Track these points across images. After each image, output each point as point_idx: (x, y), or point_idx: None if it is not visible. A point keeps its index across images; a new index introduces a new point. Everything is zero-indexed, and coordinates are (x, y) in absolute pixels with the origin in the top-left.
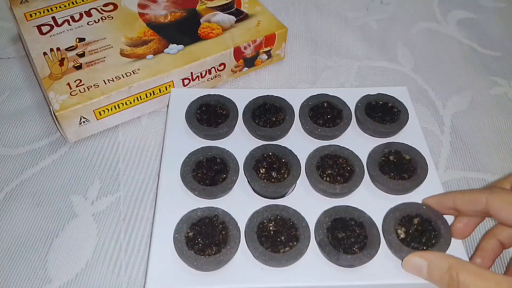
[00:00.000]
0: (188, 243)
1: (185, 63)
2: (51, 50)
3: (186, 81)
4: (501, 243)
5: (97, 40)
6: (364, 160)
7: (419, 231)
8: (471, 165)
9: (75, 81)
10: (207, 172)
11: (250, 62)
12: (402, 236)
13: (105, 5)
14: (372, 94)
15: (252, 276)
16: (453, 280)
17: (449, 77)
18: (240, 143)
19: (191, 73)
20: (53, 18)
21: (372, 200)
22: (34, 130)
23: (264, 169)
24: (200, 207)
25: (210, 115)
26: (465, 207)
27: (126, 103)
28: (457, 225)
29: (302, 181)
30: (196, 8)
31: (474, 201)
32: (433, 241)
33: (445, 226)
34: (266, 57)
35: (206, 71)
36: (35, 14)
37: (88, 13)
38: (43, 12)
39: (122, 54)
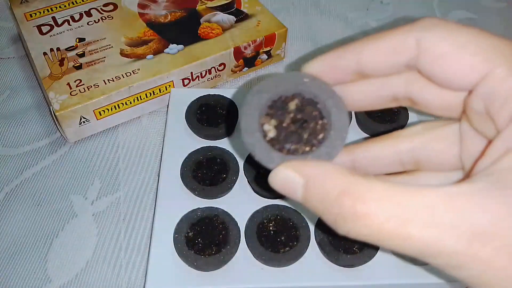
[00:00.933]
0: (188, 243)
1: (185, 63)
2: (51, 50)
3: (186, 81)
4: (400, 161)
5: (97, 40)
6: None
7: (298, 122)
8: None
9: (75, 81)
10: (207, 172)
11: (250, 62)
12: (272, 134)
13: (105, 5)
14: None
15: (252, 276)
16: (347, 214)
17: None
18: (240, 143)
19: (191, 73)
20: (53, 18)
21: None
22: (34, 130)
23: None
24: (200, 207)
25: (210, 115)
26: (379, 63)
27: (126, 103)
28: (356, 97)
29: None
30: (196, 8)
31: (398, 46)
32: (320, 136)
33: (338, 109)
34: (266, 57)
35: (206, 71)
36: (35, 14)
37: (88, 13)
38: (43, 12)
39: (122, 54)
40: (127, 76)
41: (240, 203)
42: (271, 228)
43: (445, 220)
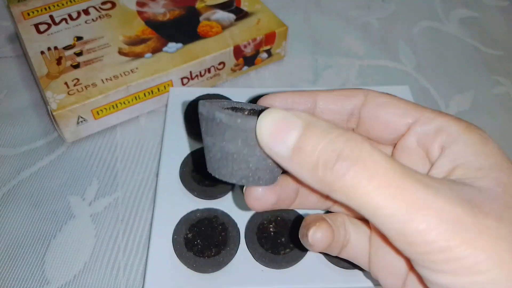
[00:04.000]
0: (187, 244)
1: (184, 62)
2: (49, 49)
3: (185, 80)
4: None
5: (95, 39)
6: None
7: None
8: None
9: (72, 80)
10: (207, 173)
11: (250, 61)
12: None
13: (103, 3)
14: None
15: (252, 278)
16: (353, 152)
17: (452, 76)
18: None
19: (190, 72)
20: (51, 16)
21: None
22: (31, 130)
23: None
24: (199, 208)
25: None
26: (331, 104)
27: (124, 102)
28: None
29: None
30: (195, 6)
31: (349, 94)
32: None
33: None
34: (266, 55)
35: (205, 70)
36: (33, 12)
37: (86, 12)
38: (41, 10)
39: (120, 52)
40: (125, 75)
41: (240, 204)
42: (271, 230)
43: (439, 187)
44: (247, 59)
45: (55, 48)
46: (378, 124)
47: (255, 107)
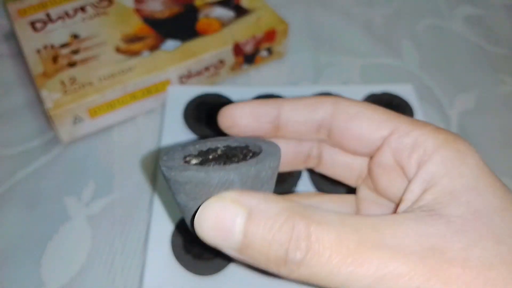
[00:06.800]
0: (186, 246)
1: (182, 60)
2: (45, 47)
3: (183, 79)
4: None
5: (92, 37)
6: None
7: (225, 155)
8: None
9: (69, 79)
10: None
11: (250, 59)
12: (194, 162)
13: (100, 0)
14: (377, 93)
15: (251, 281)
16: (300, 238)
17: (456, 75)
18: None
19: (189, 70)
20: (47, 14)
21: None
22: (27, 129)
23: None
24: None
25: (208, 113)
26: (297, 116)
27: (121, 101)
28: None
29: (304, 180)
30: (194, 3)
31: (316, 104)
32: (248, 157)
33: (271, 145)
34: (267, 53)
35: (204, 68)
36: (29, 10)
37: (83, 9)
38: (37, 8)
39: (117, 50)
40: (122, 73)
41: None
42: None
43: (394, 242)
44: (247, 57)
45: (51, 46)
46: (350, 137)
47: (230, 143)
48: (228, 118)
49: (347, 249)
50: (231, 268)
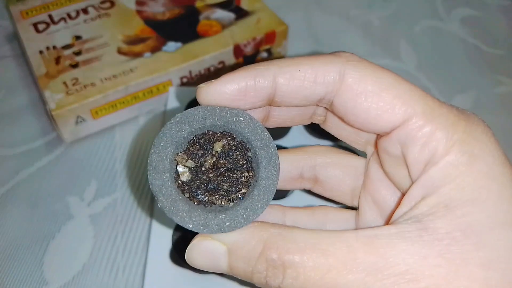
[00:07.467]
0: (187, 245)
1: (183, 61)
2: (47, 48)
3: (184, 80)
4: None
5: (94, 38)
6: None
7: (219, 169)
8: None
9: (71, 80)
10: None
11: (250, 60)
12: (184, 178)
13: (102, 2)
14: None
15: None
16: (276, 268)
17: (453, 76)
18: None
19: (190, 71)
20: (50, 16)
21: None
22: (30, 130)
23: None
24: None
25: None
26: (295, 91)
27: (123, 102)
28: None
29: None
30: (195, 5)
31: (319, 76)
32: (241, 191)
33: (270, 164)
34: (267, 55)
35: (205, 69)
36: (32, 12)
37: (85, 11)
38: (40, 10)
39: (119, 52)
40: (124, 74)
41: None
42: None
43: (366, 264)
44: (247, 59)
45: (54, 47)
46: (355, 118)
47: (228, 137)
48: (210, 97)
49: (320, 274)
50: None
